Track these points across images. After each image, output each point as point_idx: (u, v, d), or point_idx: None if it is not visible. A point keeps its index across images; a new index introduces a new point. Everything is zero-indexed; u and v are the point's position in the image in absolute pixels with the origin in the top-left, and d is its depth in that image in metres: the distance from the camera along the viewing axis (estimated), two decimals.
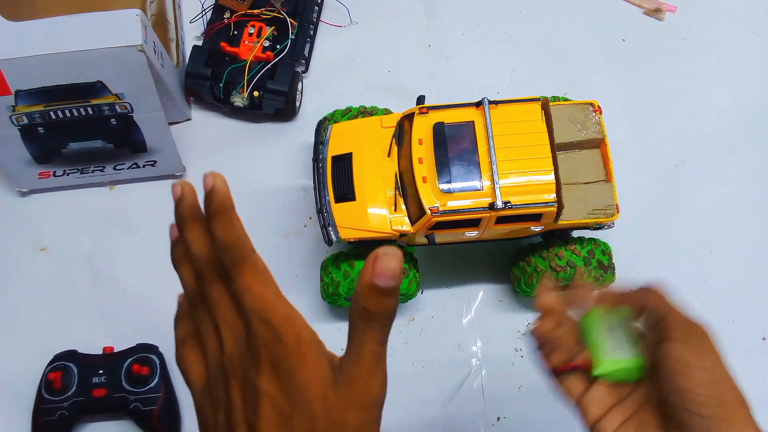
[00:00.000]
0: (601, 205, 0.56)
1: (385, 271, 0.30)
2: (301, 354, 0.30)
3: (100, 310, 0.65)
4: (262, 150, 0.71)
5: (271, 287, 0.32)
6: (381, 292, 0.30)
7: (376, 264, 0.30)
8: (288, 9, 0.71)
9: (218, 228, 0.33)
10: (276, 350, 0.30)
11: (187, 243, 0.35)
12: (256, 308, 0.31)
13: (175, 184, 0.35)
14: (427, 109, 0.58)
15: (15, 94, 0.59)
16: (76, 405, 0.58)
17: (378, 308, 0.30)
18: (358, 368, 0.31)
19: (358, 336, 0.31)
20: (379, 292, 0.30)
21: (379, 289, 0.30)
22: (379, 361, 0.31)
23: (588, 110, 0.59)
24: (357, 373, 0.31)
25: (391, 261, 0.30)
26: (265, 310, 0.31)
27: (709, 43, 0.76)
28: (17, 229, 0.69)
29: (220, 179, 0.34)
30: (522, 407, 0.62)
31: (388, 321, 0.31)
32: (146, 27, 0.59)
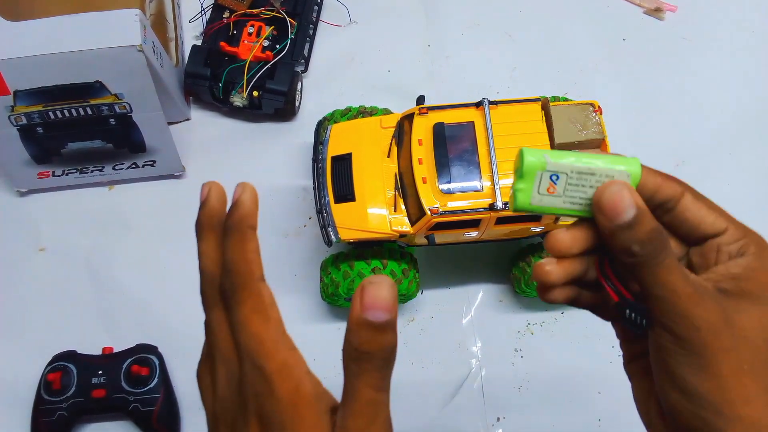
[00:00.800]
0: None
1: (376, 303, 0.26)
2: (296, 414, 0.27)
3: (99, 310, 0.65)
4: (262, 150, 0.71)
5: (272, 326, 0.28)
6: (374, 328, 0.26)
7: (364, 296, 0.26)
8: (287, 8, 0.71)
9: (228, 246, 0.29)
10: (266, 404, 0.27)
11: (199, 254, 0.30)
12: (249, 350, 0.27)
13: (204, 184, 0.31)
14: (427, 109, 0.57)
15: (14, 94, 0.59)
16: (75, 406, 0.58)
17: (372, 347, 0.26)
18: (354, 421, 0.27)
19: (351, 382, 0.27)
20: (371, 329, 0.26)
21: (371, 325, 0.26)
22: (377, 412, 0.27)
23: (588, 110, 0.58)
24: (352, 426, 0.27)
25: (380, 290, 0.26)
26: (259, 354, 0.27)
27: (709, 42, 0.76)
28: (16, 229, 0.69)
29: (249, 193, 0.30)
30: (522, 407, 0.62)
31: (387, 362, 0.27)
32: (145, 27, 0.59)
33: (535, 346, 0.64)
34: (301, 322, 0.64)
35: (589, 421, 0.61)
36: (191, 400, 0.62)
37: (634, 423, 0.67)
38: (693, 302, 0.28)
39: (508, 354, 0.64)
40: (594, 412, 0.61)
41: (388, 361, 0.27)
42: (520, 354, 0.64)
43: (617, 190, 0.29)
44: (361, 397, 0.27)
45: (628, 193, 0.28)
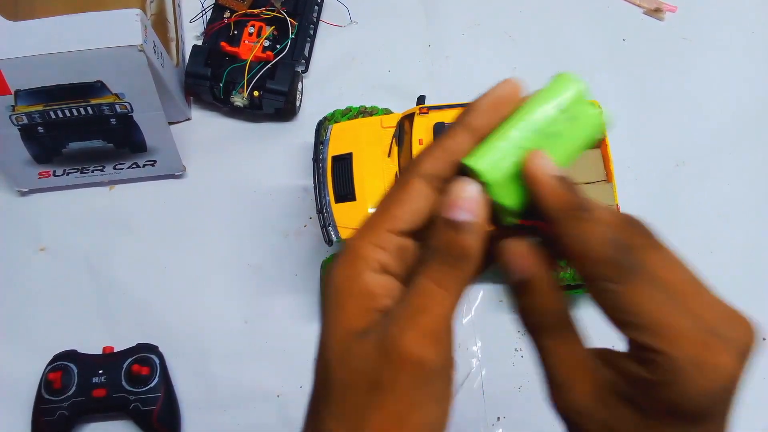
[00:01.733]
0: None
1: (458, 201, 0.24)
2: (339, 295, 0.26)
3: (99, 309, 0.65)
4: (262, 150, 0.71)
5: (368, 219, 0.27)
6: (452, 226, 0.24)
7: (449, 193, 0.25)
8: (288, 9, 0.71)
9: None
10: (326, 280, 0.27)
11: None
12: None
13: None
14: (428, 109, 0.58)
15: (14, 94, 0.59)
16: (75, 405, 0.58)
17: (441, 242, 0.25)
18: (403, 307, 0.25)
19: (414, 279, 0.25)
20: (450, 227, 0.24)
21: (450, 223, 0.24)
22: (428, 305, 0.25)
23: None
24: (399, 312, 0.25)
25: (466, 190, 0.25)
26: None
27: (709, 43, 0.76)
28: (17, 229, 0.69)
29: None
30: (522, 407, 0.62)
31: (455, 261, 0.25)
32: (146, 27, 0.59)
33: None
34: (301, 322, 0.64)
35: None
36: (192, 399, 0.62)
37: None
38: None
39: (508, 354, 0.64)
40: None
41: (457, 261, 0.25)
42: (520, 354, 0.64)
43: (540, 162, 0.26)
44: (417, 287, 0.25)
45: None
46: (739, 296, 0.73)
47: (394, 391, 0.24)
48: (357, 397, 0.25)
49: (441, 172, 0.26)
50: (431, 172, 0.26)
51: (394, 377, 0.24)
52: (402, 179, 0.27)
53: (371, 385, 0.25)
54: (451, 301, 0.25)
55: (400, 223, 0.26)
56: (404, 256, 0.27)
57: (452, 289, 0.25)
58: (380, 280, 0.26)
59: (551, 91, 0.27)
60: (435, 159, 0.26)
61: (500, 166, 0.26)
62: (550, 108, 0.26)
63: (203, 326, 0.64)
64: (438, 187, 0.26)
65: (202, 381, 0.62)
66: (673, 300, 0.25)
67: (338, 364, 0.25)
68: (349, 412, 0.25)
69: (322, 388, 0.26)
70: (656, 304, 0.24)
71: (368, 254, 0.26)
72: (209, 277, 0.66)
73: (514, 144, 0.26)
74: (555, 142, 0.26)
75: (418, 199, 0.26)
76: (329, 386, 0.25)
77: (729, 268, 0.67)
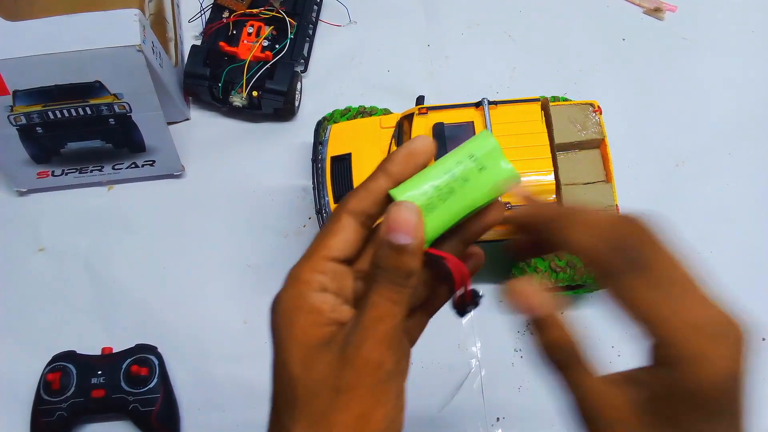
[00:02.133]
0: (601, 206, 0.56)
1: (398, 226, 0.28)
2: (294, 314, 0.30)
3: (98, 310, 0.65)
4: (261, 150, 0.71)
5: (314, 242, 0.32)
6: (392, 248, 0.28)
7: (388, 217, 0.28)
8: (287, 8, 0.71)
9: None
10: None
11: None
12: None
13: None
14: (427, 109, 0.57)
15: (13, 94, 0.59)
16: (74, 406, 0.58)
17: (389, 264, 0.28)
18: (361, 321, 0.28)
19: (369, 292, 0.29)
20: (390, 248, 0.28)
21: (390, 245, 0.28)
22: (383, 318, 0.28)
23: (588, 110, 0.58)
24: (359, 326, 0.28)
25: (405, 212, 0.28)
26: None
27: (709, 42, 0.76)
28: (15, 229, 0.69)
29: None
30: (522, 408, 0.62)
31: (403, 281, 0.28)
32: (144, 27, 0.59)
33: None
34: None
35: None
36: (191, 400, 0.62)
37: None
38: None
39: (507, 354, 0.64)
40: None
41: (405, 281, 0.28)
42: (519, 354, 0.64)
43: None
44: (371, 302, 0.28)
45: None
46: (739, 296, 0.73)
47: (357, 392, 0.28)
48: (323, 402, 0.28)
49: (366, 209, 0.31)
50: (358, 209, 0.31)
51: (357, 380, 0.28)
52: (334, 215, 0.31)
53: (335, 390, 0.28)
54: (401, 312, 0.29)
55: (334, 251, 0.30)
56: (340, 278, 0.31)
57: (401, 303, 0.29)
58: (324, 297, 0.30)
59: (468, 145, 0.31)
60: (360, 198, 0.31)
61: (416, 199, 0.30)
62: (464, 157, 0.31)
63: (202, 327, 0.64)
64: (363, 221, 0.31)
65: (202, 381, 0.62)
66: (670, 296, 0.27)
67: (302, 374, 0.28)
68: (316, 416, 0.28)
69: (285, 401, 0.29)
70: (652, 300, 0.27)
71: (309, 278, 0.30)
72: (208, 277, 0.66)
73: (430, 183, 0.30)
74: (464, 185, 0.31)
75: (348, 231, 0.30)
76: (294, 396, 0.28)
77: (729, 268, 0.66)
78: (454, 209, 0.30)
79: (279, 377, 0.29)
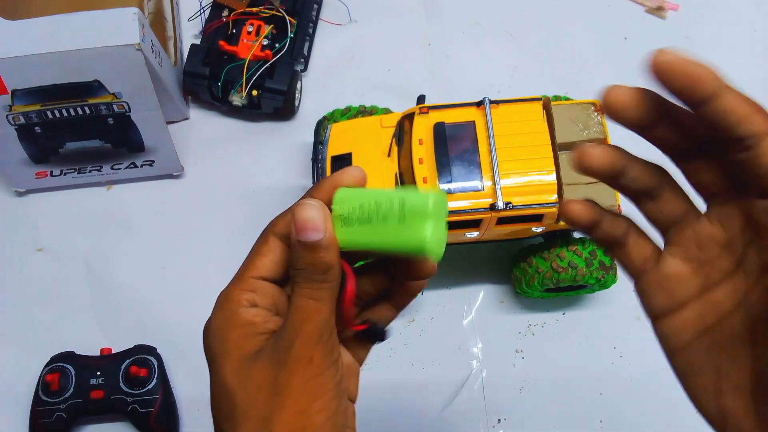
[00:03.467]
0: (603, 206, 0.56)
1: (305, 223, 0.28)
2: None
3: (97, 311, 0.65)
4: (261, 149, 0.71)
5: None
6: (305, 246, 0.28)
7: (293, 217, 0.29)
8: (287, 7, 0.71)
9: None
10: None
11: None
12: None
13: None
14: (428, 108, 0.57)
15: (11, 94, 0.59)
16: (73, 407, 0.58)
17: (305, 263, 0.29)
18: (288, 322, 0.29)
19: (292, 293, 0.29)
20: (303, 248, 0.29)
21: (302, 245, 0.28)
22: (307, 316, 0.29)
23: (590, 110, 0.58)
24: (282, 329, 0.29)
25: (309, 210, 0.29)
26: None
27: (711, 41, 0.76)
28: (14, 229, 0.68)
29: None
30: (523, 408, 0.62)
31: (322, 276, 0.29)
32: (144, 25, 0.58)
33: (536, 347, 0.64)
34: None
35: (591, 422, 0.61)
36: (190, 401, 0.61)
37: (635, 424, 0.67)
38: None
39: (509, 355, 0.64)
40: (596, 413, 0.61)
41: (323, 275, 0.29)
42: (521, 355, 0.64)
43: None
44: (295, 305, 0.29)
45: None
46: None
47: (292, 391, 0.28)
48: (261, 408, 0.29)
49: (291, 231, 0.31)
50: (284, 231, 0.31)
51: (289, 379, 0.28)
52: (262, 237, 0.32)
53: (271, 393, 0.29)
54: (326, 308, 0.29)
55: (262, 271, 0.31)
56: (272, 296, 0.32)
57: (324, 298, 0.29)
58: (254, 311, 0.31)
59: (415, 193, 0.30)
60: (287, 221, 0.31)
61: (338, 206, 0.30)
62: (397, 199, 0.30)
63: (201, 327, 0.64)
64: (289, 243, 0.31)
65: (201, 382, 0.61)
66: None
67: (238, 384, 0.29)
68: (257, 422, 0.29)
69: (225, 415, 0.30)
70: None
71: (238, 297, 0.31)
72: (208, 277, 0.66)
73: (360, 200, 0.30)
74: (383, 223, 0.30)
75: (276, 252, 0.31)
76: (233, 408, 0.29)
77: None
78: (365, 237, 0.30)
79: (216, 393, 0.30)
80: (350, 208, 0.30)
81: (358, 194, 0.31)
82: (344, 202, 0.30)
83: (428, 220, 0.29)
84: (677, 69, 0.26)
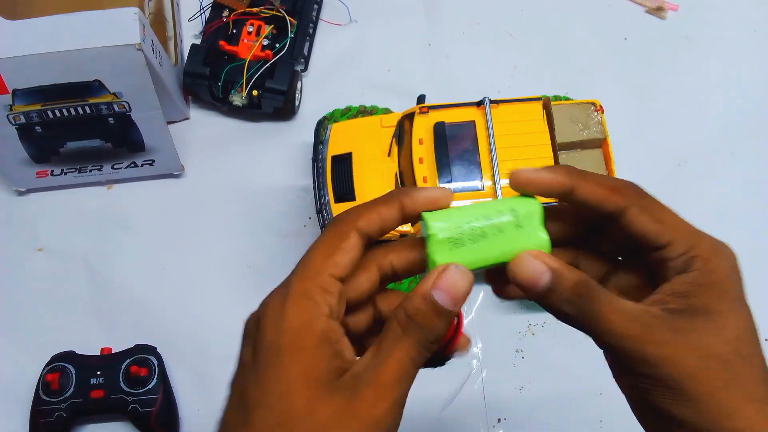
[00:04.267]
0: None
1: (450, 289, 0.27)
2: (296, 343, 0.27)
3: (97, 310, 0.65)
4: (261, 149, 0.71)
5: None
6: (435, 308, 0.27)
7: (443, 276, 0.27)
8: (287, 7, 0.71)
9: None
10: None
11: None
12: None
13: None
14: (428, 108, 0.57)
15: (12, 93, 0.59)
16: (73, 406, 0.58)
17: (424, 322, 0.27)
18: (376, 376, 0.27)
19: (389, 342, 0.27)
20: (431, 306, 0.27)
21: (433, 304, 0.27)
22: (400, 380, 0.27)
23: (590, 110, 0.58)
24: (373, 380, 0.27)
25: (460, 279, 0.27)
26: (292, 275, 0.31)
27: (711, 41, 0.76)
28: (14, 229, 0.68)
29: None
30: (523, 409, 0.62)
31: (429, 342, 0.28)
32: (144, 25, 0.59)
33: (536, 347, 0.64)
34: None
35: (591, 422, 0.61)
36: (190, 401, 0.61)
37: (636, 424, 0.67)
38: (642, 342, 0.28)
39: (509, 355, 0.63)
40: (595, 413, 0.61)
41: (430, 342, 0.28)
42: (521, 355, 0.64)
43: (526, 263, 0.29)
44: (395, 357, 0.27)
45: (536, 262, 0.29)
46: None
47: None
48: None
49: (372, 232, 0.30)
50: (366, 230, 0.30)
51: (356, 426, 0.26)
52: (340, 230, 0.29)
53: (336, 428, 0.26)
54: (414, 375, 0.28)
55: (341, 270, 0.29)
56: (340, 302, 0.29)
57: (419, 365, 0.28)
58: (332, 325, 0.28)
59: (512, 200, 0.31)
60: (370, 220, 0.30)
61: (447, 230, 0.30)
62: (506, 208, 0.31)
63: (202, 327, 0.64)
64: (365, 243, 0.30)
65: (201, 382, 0.62)
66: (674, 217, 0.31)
67: (306, 413, 0.26)
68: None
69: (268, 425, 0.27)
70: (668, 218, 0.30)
71: (319, 298, 0.28)
72: (208, 277, 0.66)
73: (466, 221, 0.30)
74: (498, 235, 0.30)
75: (356, 251, 0.29)
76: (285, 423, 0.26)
77: None
78: (480, 254, 0.30)
79: (271, 403, 0.27)
80: (457, 230, 0.30)
81: (456, 214, 0.30)
82: (446, 225, 0.30)
83: (542, 215, 0.31)
84: (533, 182, 0.30)
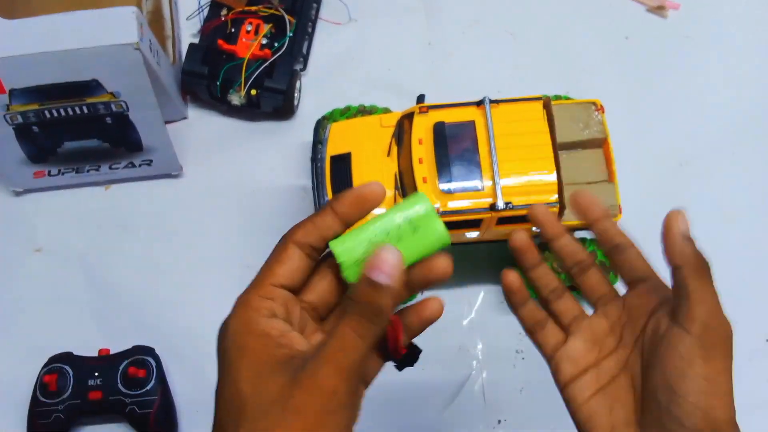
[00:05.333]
0: (605, 205, 0.55)
1: (380, 264, 0.29)
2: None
3: (95, 311, 0.65)
4: (260, 149, 0.71)
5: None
6: (371, 284, 0.29)
7: (371, 258, 0.30)
8: (286, 6, 0.70)
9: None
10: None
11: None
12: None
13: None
14: (428, 108, 0.57)
15: (9, 93, 0.58)
16: (71, 408, 0.57)
17: (363, 298, 0.29)
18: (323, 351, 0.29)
19: (337, 322, 0.30)
20: (368, 284, 0.29)
21: (368, 281, 0.29)
22: (348, 352, 0.29)
23: (590, 109, 0.58)
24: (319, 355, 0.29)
25: (392, 257, 0.29)
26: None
27: (713, 40, 0.76)
28: (12, 229, 0.68)
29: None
30: (523, 409, 0.61)
31: (371, 315, 0.30)
32: (142, 24, 0.58)
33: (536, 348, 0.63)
34: None
35: None
36: (188, 402, 0.61)
37: None
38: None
39: (509, 356, 0.63)
40: None
41: (376, 317, 0.30)
42: (521, 356, 0.63)
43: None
44: (338, 332, 0.30)
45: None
46: (742, 297, 0.72)
47: (304, 415, 0.29)
48: (269, 421, 0.29)
49: (311, 241, 0.33)
50: (304, 241, 0.33)
51: (305, 403, 0.29)
52: (280, 244, 0.33)
53: (283, 409, 0.29)
54: (364, 347, 0.30)
55: (281, 278, 0.33)
56: (288, 305, 0.33)
57: (367, 338, 0.30)
58: (272, 323, 0.31)
59: (405, 205, 0.34)
60: (307, 231, 0.33)
61: (352, 252, 0.33)
62: (399, 218, 0.33)
63: (200, 328, 0.63)
64: (308, 253, 0.33)
65: (200, 383, 0.62)
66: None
67: (252, 393, 0.29)
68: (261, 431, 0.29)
69: (232, 419, 0.30)
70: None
71: (258, 304, 0.32)
72: (206, 278, 0.66)
73: (366, 238, 0.33)
74: (398, 244, 0.33)
75: (294, 260, 0.33)
76: (242, 414, 0.29)
77: (733, 268, 0.66)
78: None
79: (227, 396, 0.30)
80: (361, 251, 0.32)
81: (357, 236, 0.33)
82: (349, 249, 0.33)
83: (434, 216, 0.33)
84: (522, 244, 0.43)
